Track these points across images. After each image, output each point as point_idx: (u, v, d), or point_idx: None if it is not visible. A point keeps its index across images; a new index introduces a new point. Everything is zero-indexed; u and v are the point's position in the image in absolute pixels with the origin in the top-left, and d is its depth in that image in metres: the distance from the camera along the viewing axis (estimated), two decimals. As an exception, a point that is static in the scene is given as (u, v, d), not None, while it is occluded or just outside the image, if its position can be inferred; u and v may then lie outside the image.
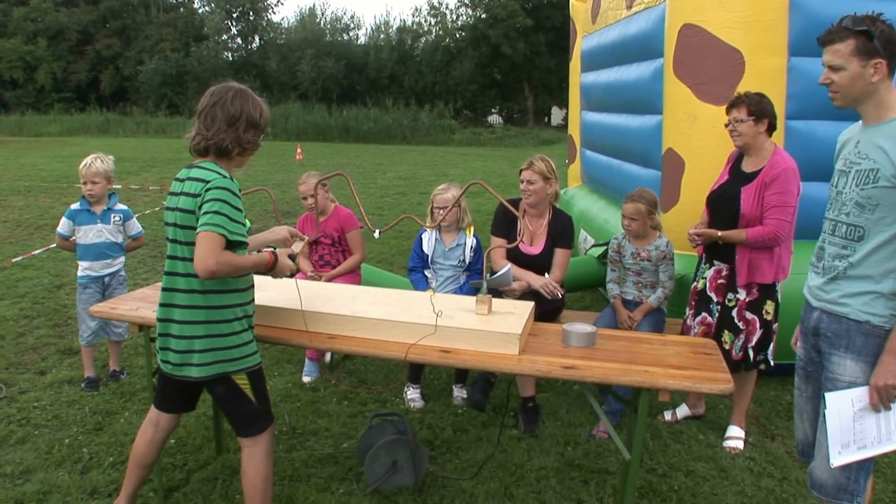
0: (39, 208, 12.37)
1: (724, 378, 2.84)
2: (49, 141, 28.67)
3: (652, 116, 5.59)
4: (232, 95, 2.90)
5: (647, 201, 4.52)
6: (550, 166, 4.62)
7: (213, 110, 2.88)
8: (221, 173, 2.85)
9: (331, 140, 31.19)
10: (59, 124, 35.06)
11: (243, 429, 3.10)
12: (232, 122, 2.87)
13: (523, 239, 4.76)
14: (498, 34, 35.80)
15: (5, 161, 20.26)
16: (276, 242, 3.41)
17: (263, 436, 3.12)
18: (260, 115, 2.96)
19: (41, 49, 41.94)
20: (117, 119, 36.73)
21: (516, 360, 3.03)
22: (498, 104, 40.36)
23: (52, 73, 42.32)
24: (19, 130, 33.99)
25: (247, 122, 2.91)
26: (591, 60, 7.69)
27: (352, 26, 43.94)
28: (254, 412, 3.08)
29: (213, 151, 2.91)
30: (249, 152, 3.01)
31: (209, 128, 2.87)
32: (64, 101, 41.89)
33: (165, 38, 41.82)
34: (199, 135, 2.90)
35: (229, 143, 2.88)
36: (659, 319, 4.59)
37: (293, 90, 38.56)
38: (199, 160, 2.95)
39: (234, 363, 2.98)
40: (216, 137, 2.86)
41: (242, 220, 2.85)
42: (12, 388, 5.02)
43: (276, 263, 3.07)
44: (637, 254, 4.60)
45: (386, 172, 18.74)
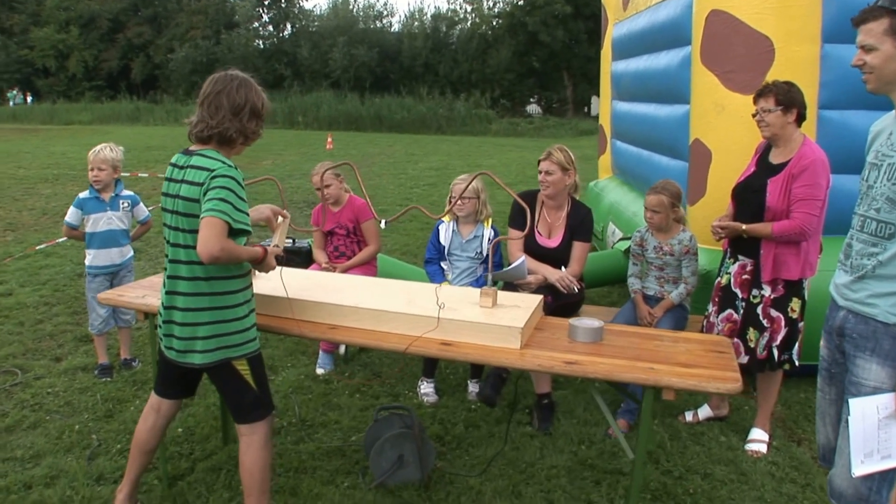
0: (67, 196, 12.44)
1: (733, 377, 2.70)
2: (79, 129, 29.03)
3: (680, 106, 5.43)
4: (237, 85, 2.89)
5: (671, 193, 4.37)
6: (569, 156, 4.49)
7: (217, 98, 2.86)
8: (225, 162, 2.84)
9: (363, 129, 31.07)
10: (90, 113, 35.43)
11: (243, 416, 3.08)
12: (237, 112, 2.87)
13: (540, 231, 4.63)
14: (535, 21, 35.17)
15: (35, 149, 20.56)
16: (259, 221, 3.39)
17: (262, 424, 3.10)
18: (262, 104, 2.97)
19: (73, 37, 42.22)
20: (147, 107, 37.01)
21: (518, 354, 2.92)
22: (536, 93, 39.88)
23: (84, 62, 42.56)
24: (50, 119, 34.42)
25: (251, 111, 2.91)
26: (621, 48, 7.52)
27: (385, 13, 43.59)
28: (255, 399, 3.07)
29: (217, 140, 2.89)
30: (251, 141, 3.02)
31: (213, 116, 2.86)
32: (95, 89, 42.21)
33: (196, 25, 41.79)
34: (202, 122, 2.88)
35: (234, 131, 2.88)
36: (681, 316, 4.43)
37: (325, 78, 38.37)
38: (198, 147, 2.92)
39: (237, 349, 2.98)
40: (221, 126, 2.85)
41: (246, 209, 2.84)
42: (28, 373, 5.05)
43: (264, 259, 3.02)
44: (659, 248, 4.45)
45: (418, 163, 18.63)
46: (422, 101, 33.12)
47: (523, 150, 22.50)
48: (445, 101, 33.11)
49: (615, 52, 7.84)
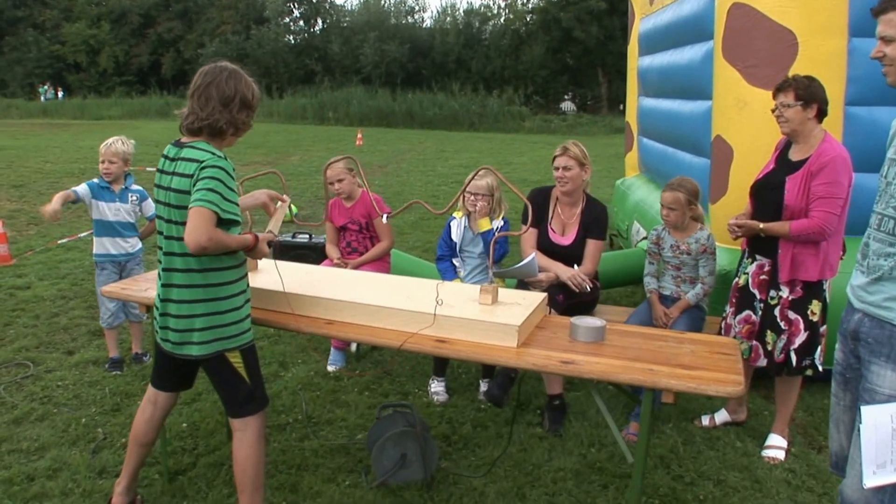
0: (91, 192, 12.52)
1: (734, 380, 2.58)
2: (109, 124, 29.29)
3: (703, 102, 5.29)
4: (226, 76, 2.86)
5: (688, 190, 4.25)
6: (584, 151, 4.39)
7: (207, 90, 2.83)
8: (215, 153, 2.81)
9: (394, 126, 31.00)
10: (120, 108, 35.74)
11: (235, 410, 3.05)
12: (227, 103, 2.84)
13: (553, 228, 4.53)
14: (569, 17, 34.83)
15: (64, 144, 20.82)
16: (256, 206, 3.40)
17: (255, 419, 3.06)
18: (252, 95, 2.94)
19: (104, 33, 42.72)
20: (177, 102, 37.07)
21: (514, 352, 2.84)
22: (570, 90, 39.58)
23: (115, 57, 43.03)
24: (81, 114, 34.73)
25: (241, 102, 2.88)
26: (647, 43, 7.37)
27: (416, 9, 43.55)
28: (248, 393, 3.04)
29: (207, 131, 2.86)
30: (242, 132, 2.98)
31: (203, 108, 2.83)
32: (125, 84, 42.60)
33: (226, 20, 42.01)
34: (192, 114, 2.86)
35: (224, 123, 2.84)
36: (697, 317, 4.31)
37: (356, 74, 38.37)
38: (189, 139, 2.90)
39: (231, 340, 2.96)
40: (211, 118, 2.82)
41: (236, 200, 2.81)
42: (40, 366, 5.07)
43: (255, 246, 2.97)
44: (676, 246, 4.33)
45: (447, 160, 18.54)
46: (454, 97, 32.95)
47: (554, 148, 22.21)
48: (478, 97, 32.92)
49: (641, 47, 7.70)
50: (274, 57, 40.00)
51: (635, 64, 8.03)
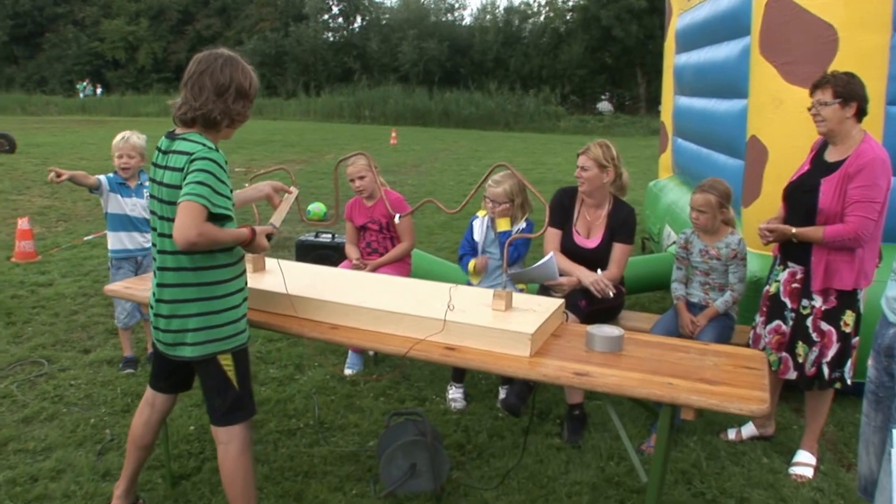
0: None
1: (759, 398, 2.40)
2: (145, 121, 29.50)
3: (738, 101, 5.08)
4: (221, 63, 2.71)
5: (719, 192, 4.05)
6: (610, 153, 4.21)
7: (200, 79, 2.70)
8: (207, 145, 2.68)
9: (430, 124, 30.90)
10: (157, 104, 35.95)
11: (219, 417, 2.91)
12: (221, 92, 2.70)
13: (578, 230, 4.36)
14: (610, 16, 34.38)
15: (100, 140, 20.95)
16: (260, 199, 3.29)
17: (240, 428, 2.92)
18: (250, 84, 2.78)
19: (143, 29, 43.16)
20: (214, 100, 37.44)
21: (526, 362, 2.68)
22: (608, 90, 39.07)
23: (153, 54, 43.42)
24: (119, 110, 35.06)
25: (236, 91, 2.73)
26: (684, 40, 7.14)
27: (457, 6, 43.32)
28: (236, 399, 2.89)
29: (201, 122, 2.73)
30: (238, 123, 2.84)
31: (197, 97, 2.70)
32: (163, 81, 42.87)
33: (265, 17, 42.20)
34: (185, 104, 2.72)
35: (218, 113, 2.71)
36: (725, 326, 4.11)
37: (393, 72, 38.32)
38: (183, 131, 2.77)
39: (227, 341, 2.83)
40: (204, 108, 2.69)
41: (228, 194, 2.67)
42: (54, 364, 5.03)
43: (252, 240, 2.84)
44: (706, 251, 4.14)
45: (481, 159, 18.37)
46: (490, 96, 32.73)
47: (591, 149, 21.93)
48: (514, 96, 32.68)
49: (678, 44, 7.47)
50: (312, 54, 40.09)
51: (671, 62, 7.81)
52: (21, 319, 5.89)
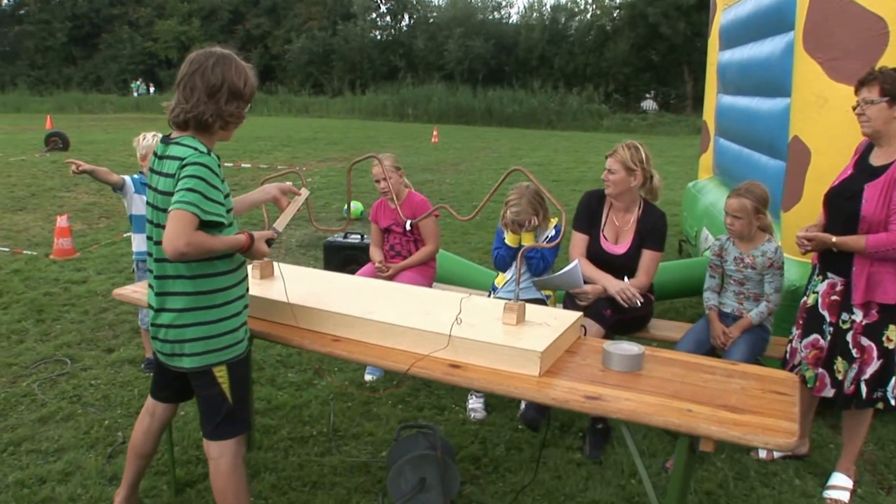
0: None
1: (787, 430, 2.18)
2: (196, 119, 29.85)
3: (782, 100, 4.81)
4: (213, 63, 2.58)
5: (755, 197, 3.82)
6: (638, 156, 4.00)
7: (192, 79, 2.58)
8: (199, 149, 2.55)
9: (473, 123, 30.66)
10: (207, 103, 36.42)
11: (212, 431, 2.80)
12: (213, 93, 2.57)
13: (606, 235, 4.16)
14: (657, 13, 33.57)
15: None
16: (266, 201, 3.16)
17: (232, 444, 2.80)
18: (244, 83, 2.65)
19: (195, 29, 43.66)
20: (262, 98, 37.63)
21: (535, 383, 2.50)
22: (653, 89, 38.37)
23: (205, 53, 44.12)
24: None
25: (229, 92, 2.60)
26: (728, 36, 6.85)
27: (503, 4, 42.97)
28: (229, 413, 2.77)
29: (193, 125, 2.61)
30: (233, 125, 2.70)
31: (188, 99, 2.58)
32: (214, 79, 43.51)
33: (314, 16, 42.34)
34: (178, 106, 2.60)
35: (210, 115, 2.58)
36: (759, 338, 3.88)
37: (438, 70, 38.14)
38: (177, 135, 2.65)
39: (225, 352, 2.72)
40: (196, 110, 2.57)
41: (221, 200, 2.54)
42: (77, 363, 5.01)
43: (251, 247, 2.71)
44: (740, 259, 3.91)
45: (521, 158, 18.09)
46: (534, 94, 32.39)
47: (634, 148, 21.51)
48: (557, 94, 32.29)
49: (722, 40, 7.17)
50: (359, 53, 40.16)
51: (715, 59, 7.52)
52: (51, 317, 5.89)
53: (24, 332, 5.54)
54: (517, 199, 4.26)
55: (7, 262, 7.47)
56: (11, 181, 12.72)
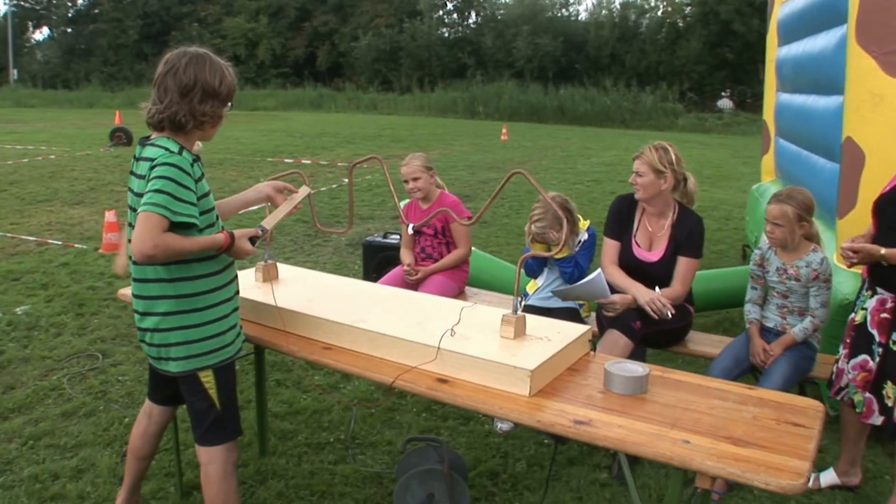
0: (221, 181, 12.67)
1: (795, 470, 1.93)
2: (262, 115, 30.19)
3: (836, 97, 4.49)
4: (185, 62, 2.51)
5: (798, 204, 3.53)
6: (667, 157, 3.76)
7: (165, 80, 2.52)
8: (169, 148, 2.47)
9: (545, 121, 30.31)
10: (275, 99, 36.85)
11: (201, 436, 2.73)
12: (185, 93, 2.49)
13: (638, 242, 3.93)
14: (729, 10, 32.69)
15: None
16: (259, 201, 3.06)
17: (222, 450, 2.72)
18: (219, 82, 2.56)
19: (262, 26, 44.33)
20: (330, 94, 38.03)
21: (524, 403, 2.31)
22: (728, 87, 37.38)
23: (272, 50, 44.54)
24: (237, 104, 35.63)
25: (203, 91, 2.51)
26: (785, 31, 6.50)
27: (571, 2, 42.60)
28: (216, 419, 2.69)
29: (168, 125, 2.53)
30: (210, 125, 2.61)
31: (162, 99, 2.52)
32: (281, 76, 43.93)
33: (380, 14, 42.57)
34: (153, 107, 2.54)
35: (182, 115, 2.50)
36: (804, 356, 3.59)
37: (508, 68, 37.90)
38: (155, 136, 2.58)
39: (209, 356, 2.64)
40: (168, 110, 2.50)
41: (192, 200, 2.44)
42: (108, 359, 5.02)
43: (230, 246, 2.60)
44: (783, 270, 3.63)
45: (590, 158, 17.72)
46: (606, 93, 31.89)
47: (706, 148, 20.92)
48: (630, 93, 31.72)
49: (779, 35, 6.82)
50: (427, 50, 40.24)
51: (774, 55, 7.16)
52: (90, 311, 5.94)
53: (62, 326, 5.59)
54: (542, 212, 4.06)
55: (58, 254, 7.61)
56: (74, 175, 13.05)
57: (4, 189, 11.59)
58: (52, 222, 9.27)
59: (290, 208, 2.97)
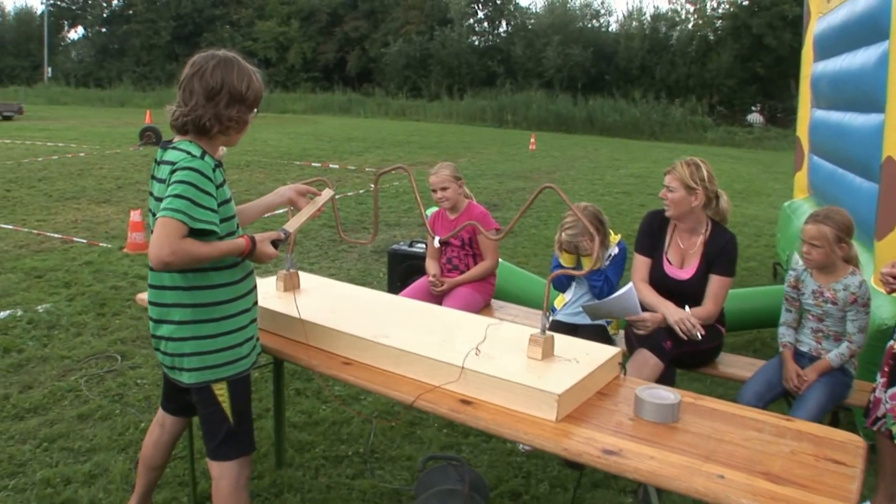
0: (247, 184, 12.70)
1: (837, 513, 1.82)
2: (291, 118, 30.38)
3: (876, 115, 4.36)
4: (213, 65, 2.44)
5: (836, 224, 3.40)
6: (699, 174, 3.66)
7: (191, 82, 2.44)
8: (191, 152, 2.41)
9: (573, 131, 30.24)
10: (304, 102, 37.12)
11: (213, 450, 2.65)
12: (211, 96, 2.43)
13: (670, 259, 3.82)
14: (761, 23, 32.45)
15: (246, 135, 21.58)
16: (281, 205, 3.00)
17: (233, 465, 2.63)
18: (247, 88, 2.49)
19: (293, 30, 44.94)
20: (359, 99, 38.22)
21: (550, 429, 2.20)
22: (759, 101, 37.02)
23: (303, 54, 45.12)
24: (266, 107, 36.14)
25: (229, 95, 2.45)
26: (822, 47, 6.37)
27: (602, 12, 42.50)
28: (229, 432, 2.61)
29: (191, 129, 2.46)
30: (235, 131, 2.54)
31: (187, 102, 2.45)
32: (311, 80, 44.46)
33: (411, 20, 42.84)
34: (177, 109, 2.47)
35: (207, 119, 2.43)
36: (839, 383, 3.46)
37: (537, 77, 37.86)
38: (177, 139, 2.52)
39: (224, 368, 2.56)
40: (193, 113, 2.43)
41: (213, 206, 2.37)
42: (126, 361, 4.98)
43: (252, 251, 2.54)
44: (819, 292, 3.50)
45: (619, 169, 17.59)
46: (635, 104, 31.76)
47: (736, 162, 20.70)
48: (660, 105, 31.55)
49: (816, 51, 6.68)
50: (457, 58, 40.36)
51: (809, 71, 7.02)
52: (111, 311, 5.93)
53: (83, 326, 5.57)
54: (574, 221, 3.97)
55: (82, 253, 7.62)
56: (102, 173, 13.15)
57: (33, 185, 11.69)
58: (78, 220, 9.32)
59: (314, 211, 2.90)
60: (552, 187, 2.62)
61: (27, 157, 15.23)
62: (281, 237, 2.65)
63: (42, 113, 29.80)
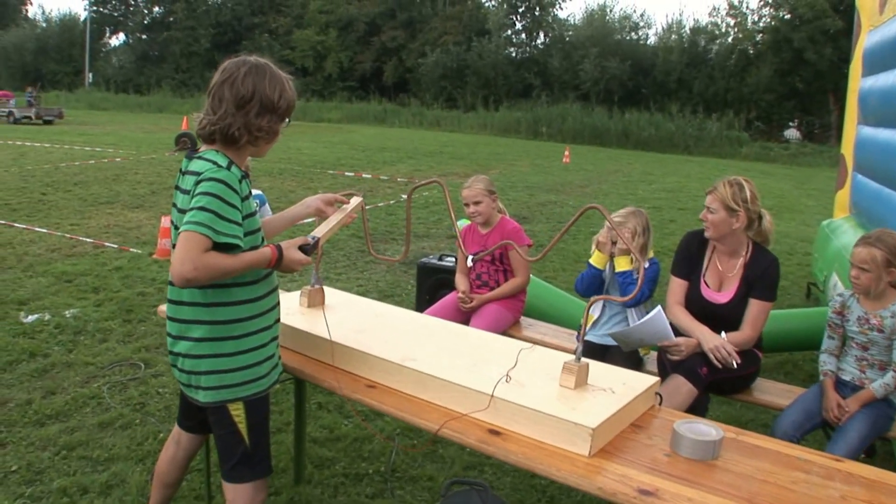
0: (279, 191, 12.66)
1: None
2: (326, 127, 30.46)
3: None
4: (244, 72, 2.33)
5: (889, 248, 3.25)
6: (742, 194, 3.50)
7: (221, 89, 2.34)
8: (218, 163, 2.30)
9: (608, 145, 30.00)
10: (340, 111, 37.27)
11: (227, 472, 2.54)
12: (241, 105, 2.32)
13: (707, 282, 3.68)
14: (802, 38, 31.92)
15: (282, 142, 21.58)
16: (308, 216, 2.89)
17: (247, 489, 2.53)
18: (279, 96, 2.38)
19: (331, 39, 45.33)
20: (395, 109, 38.31)
21: (583, 465, 2.08)
22: (797, 117, 36.46)
23: (339, 63, 45.47)
24: (302, 115, 36.42)
25: (260, 104, 2.34)
26: (872, 61, 6.16)
27: (641, 25, 42.15)
28: (243, 456, 2.51)
29: (219, 138, 2.36)
30: (265, 141, 2.44)
31: (216, 110, 2.34)
32: (347, 89, 44.71)
33: (449, 31, 42.95)
34: (205, 118, 2.37)
35: (236, 129, 2.32)
36: (882, 415, 3.29)
37: (574, 90, 37.69)
38: (203, 148, 2.42)
39: (241, 388, 2.46)
40: (222, 122, 2.32)
41: (237, 219, 2.26)
42: (150, 369, 4.93)
43: (280, 260, 2.43)
44: (865, 319, 3.35)
45: (652, 183, 17.37)
46: (671, 118, 31.47)
47: (770, 178, 20.30)
48: (696, 119, 31.21)
49: (865, 65, 6.47)
50: (493, 69, 40.34)
51: (857, 86, 6.81)
52: (138, 317, 5.89)
53: (108, 332, 5.54)
54: (625, 217, 3.89)
55: (112, 258, 7.62)
56: (137, 178, 13.23)
57: (69, 189, 11.78)
58: (110, 225, 9.35)
59: (343, 217, 2.79)
60: (598, 207, 2.50)
61: (65, 161, 15.41)
62: (309, 242, 2.55)
63: (82, 118, 30.22)
